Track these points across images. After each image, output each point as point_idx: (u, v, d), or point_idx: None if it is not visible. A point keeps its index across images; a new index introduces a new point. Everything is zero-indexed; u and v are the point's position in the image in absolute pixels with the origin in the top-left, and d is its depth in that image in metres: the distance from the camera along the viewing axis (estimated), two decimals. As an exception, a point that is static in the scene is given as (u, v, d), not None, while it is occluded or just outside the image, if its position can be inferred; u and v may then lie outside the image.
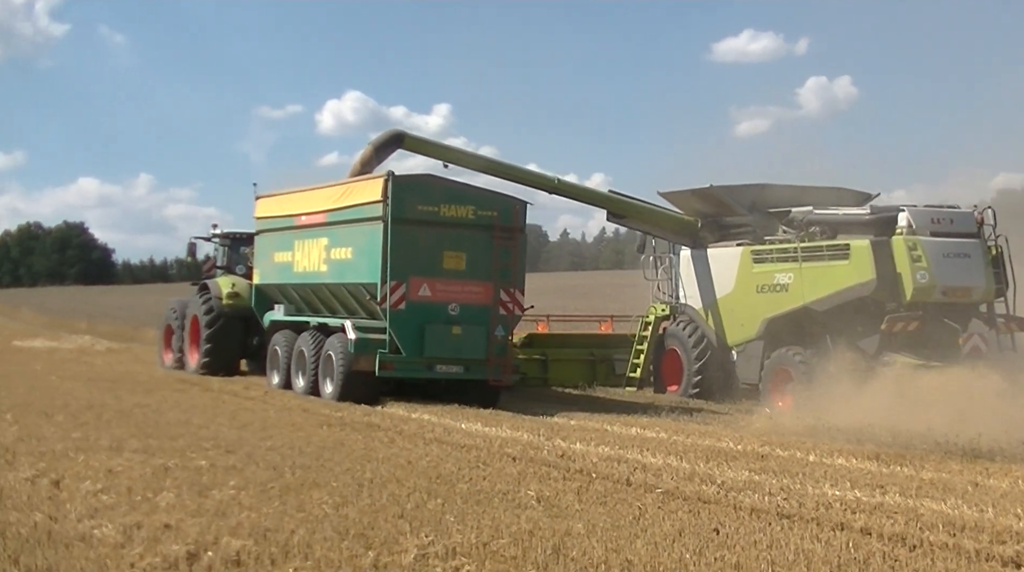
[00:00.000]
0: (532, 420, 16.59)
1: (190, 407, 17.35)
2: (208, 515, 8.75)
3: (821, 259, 20.30)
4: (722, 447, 13.85)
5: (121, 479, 10.32)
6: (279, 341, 21.28)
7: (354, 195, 19.85)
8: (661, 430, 15.63)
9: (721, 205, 22.76)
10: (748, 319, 21.89)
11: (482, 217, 19.37)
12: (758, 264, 21.64)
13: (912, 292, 19.16)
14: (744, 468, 11.98)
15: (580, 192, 24.10)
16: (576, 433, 14.95)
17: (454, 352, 19.10)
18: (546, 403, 20.38)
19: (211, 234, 26.39)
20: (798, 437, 15.31)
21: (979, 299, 19.85)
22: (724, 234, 23.16)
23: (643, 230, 24.50)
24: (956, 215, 20.03)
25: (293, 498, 9.57)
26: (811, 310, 20.44)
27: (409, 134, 22.44)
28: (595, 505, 9.81)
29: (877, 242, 19.54)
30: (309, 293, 21.24)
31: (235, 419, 15.82)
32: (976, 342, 19.21)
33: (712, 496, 10.32)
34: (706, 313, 23.01)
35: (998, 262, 19.90)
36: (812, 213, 21.23)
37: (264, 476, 10.66)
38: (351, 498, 9.62)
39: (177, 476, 10.57)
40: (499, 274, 19.40)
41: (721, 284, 22.67)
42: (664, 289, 24.68)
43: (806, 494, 10.36)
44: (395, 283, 18.80)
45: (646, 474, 11.44)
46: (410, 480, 10.70)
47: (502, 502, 9.74)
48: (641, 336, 24.31)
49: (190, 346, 24.84)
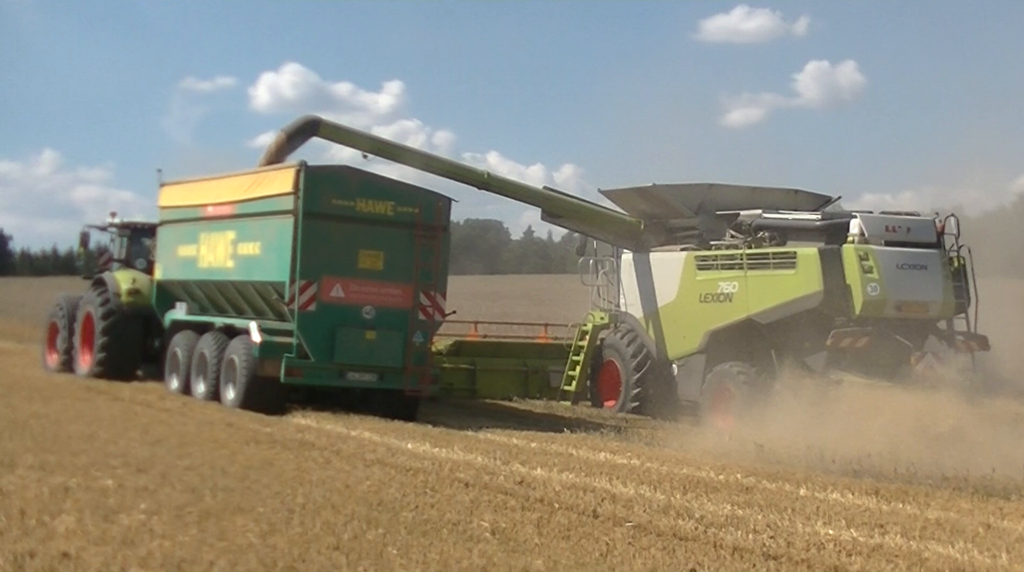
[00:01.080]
0: (487, 440, 16.01)
1: (95, 418, 16.45)
2: (114, 543, 8.24)
3: (767, 267, 19.72)
4: (701, 476, 13.25)
5: (13, 500, 9.72)
6: (179, 342, 20.40)
7: (264, 186, 19.07)
8: (633, 456, 14.97)
9: (666, 205, 22.13)
10: (690, 330, 21.29)
11: (403, 214, 18.71)
12: (702, 271, 21.05)
13: (862, 305, 18.59)
14: (726, 501, 11.48)
15: (513, 188, 23.33)
16: (537, 457, 14.31)
17: (368, 359, 18.39)
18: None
19: (107, 223, 25.25)
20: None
21: (937, 315, 19.37)
22: (670, 237, 22.52)
23: (581, 231, 23.90)
24: (914, 223, 19.53)
25: (213, 525, 9.07)
26: (755, 322, 19.89)
27: (325, 120, 21.65)
28: (557, 539, 9.35)
29: (825, 251, 18.98)
30: (214, 291, 20.40)
31: (148, 433, 15.02)
32: (930, 361, 18.65)
33: (690, 532, 9.83)
34: (647, 323, 22.41)
35: (960, 275, 19.41)
36: (761, 217, 20.68)
37: (180, 499, 10.15)
38: (280, 526, 9.18)
39: (79, 497, 9.95)
40: (420, 276, 18.72)
41: (663, 292, 22.07)
42: (605, 295, 24.03)
43: (796, 532, 9.91)
44: (305, 282, 18.07)
45: (615, 505, 10.92)
46: (347, 507, 10.18)
47: (452, 534, 9.29)
48: (578, 346, 23.56)
49: (81, 347, 23.80)
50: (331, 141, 22.31)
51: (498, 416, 20.57)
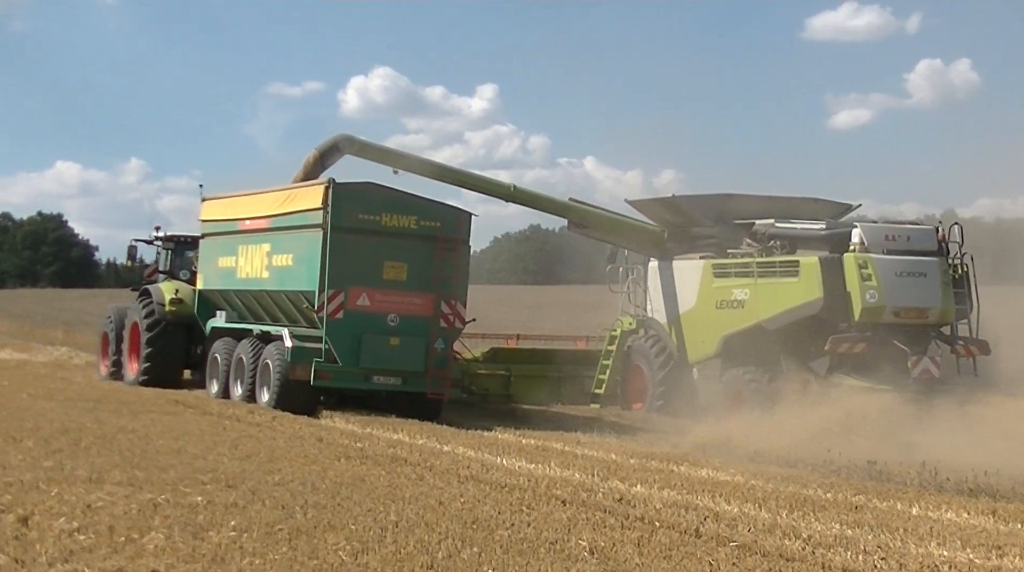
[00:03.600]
0: (584, 456, 16.45)
1: (184, 433, 16.97)
2: (204, 560, 8.57)
3: (774, 275, 22.35)
4: (808, 494, 13.43)
5: (101, 516, 10.03)
6: (219, 349, 23.64)
7: (296, 201, 22.17)
8: (736, 473, 15.23)
9: (686, 215, 24.84)
10: (708, 335, 23.94)
11: (425, 227, 21.65)
12: (719, 278, 23.68)
13: (860, 312, 21.17)
14: (835, 520, 11.57)
15: (539, 200, 26.30)
16: (636, 473, 14.66)
17: (391, 363, 21.35)
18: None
19: (153, 237, 28.63)
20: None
21: (936, 320, 21.77)
22: (692, 245, 25.17)
23: (606, 241, 26.71)
24: (914, 232, 21.98)
25: (304, 543, 9.31)
26: (764, 328, 22.47)
27: (356, 138, 24.76)
28: (658, 559, 9.47)
29: (826, 259, 21.56)
30: (251, 300, 23.54)
31: (237, 448, 15.42)
32: (926, 365, 21.19)
33: (797, 552, 9.90)
34: (670, 328, 25.04)
35: (961, 282, 21.86)
36: (773, 226, 23.32)
37: (270, 516, 10.35)
38: (372, 544, 9.37)
39: (167, 514, 10.26)
40: (440, 286, 21.66)
41: (684, 298, 24.75)
42: (633, 301, 26.66)
43: (908, 553, 9.99)
44: (333, 292, 21.07)
45: (719, 524, 11.03)
46: (441, 524, 10.39)
47: (549, 553, 9.44)
48: (607, 350, 26.20)
49: (129, 355, 26.86)
50: (362, 158, 25.19)
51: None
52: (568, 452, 16.96)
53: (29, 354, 38.00)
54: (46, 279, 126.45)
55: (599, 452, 17.17)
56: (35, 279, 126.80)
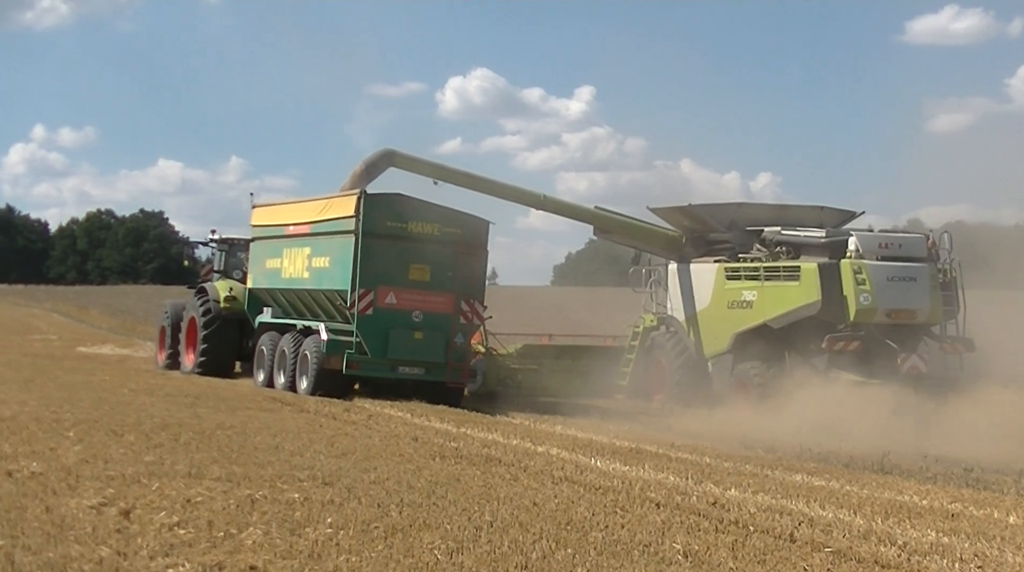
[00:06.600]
0: (678, 459, 16.37)
1: (281, 430, 17.03)
2: (301, 557, 8.60)
3: (779, 279, 24.02)
4: (904, 501, 13.24)
5: (201, 511, 10.10)
6: (265, 342, 25.51)
7: (332, 209, 24.09)
8: (831, 478, 15.07)
9: (702, 222, 26.45)
10: (721, 333, 25.57)
11: (447, 234, 23.47)
12: (731, 281, 25.37)
13: (855, 313, 22.83)
14: (931, 527, 11.35)
15: (566, 208, 28.02)
16: (730, 477, 14.56)
17: (416, 355, 23.21)
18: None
19: (209, 239, 30.66)
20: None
21: (925, 321, 23.34)
22: (708, 250, 26.81)
23: (630, 245, 28.33)
24: (906, 240, 23.62)
25: (400, 541, 9.31)
26: (770, 327, 24.11)
27: (400, 153, 26.55)
28: (752, 564, 9.40)
29: (825, 265, 23.20)
30: (294, 297, 25.45)
31: (333, 446, 15.45)
32: (915, 362, 22.71)
33: (892, 560, 9.77)
34: (687, 325, 26.72)
35: (950, 286, 23.37)
36: (779, 233, 24.88)
37: (367, 514, 10.35)
38: (467, 544, 9.37)
39: (265, 510, 10.27)
40: (460, 286, 23.44)
41: (700, 298, 26.40)
42: (655, 300, 28.35)
43: (1005, 563, 9.85)
44: (364, 291, 22.92)
45: (813, 529, 10.89)
46: (536, 525, 10.34)
47: (643, 556, 9.36)
48: (631, 345, 27.92)
49: (186, 347, 28.77)
50: (405, 170, 26.91)
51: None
52: (662, 454, 16.87)
53: (130, 350, 38.79)
54: (146, 276, 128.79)
55: (692, 455, 17.02)
56: (136, 276, 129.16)
